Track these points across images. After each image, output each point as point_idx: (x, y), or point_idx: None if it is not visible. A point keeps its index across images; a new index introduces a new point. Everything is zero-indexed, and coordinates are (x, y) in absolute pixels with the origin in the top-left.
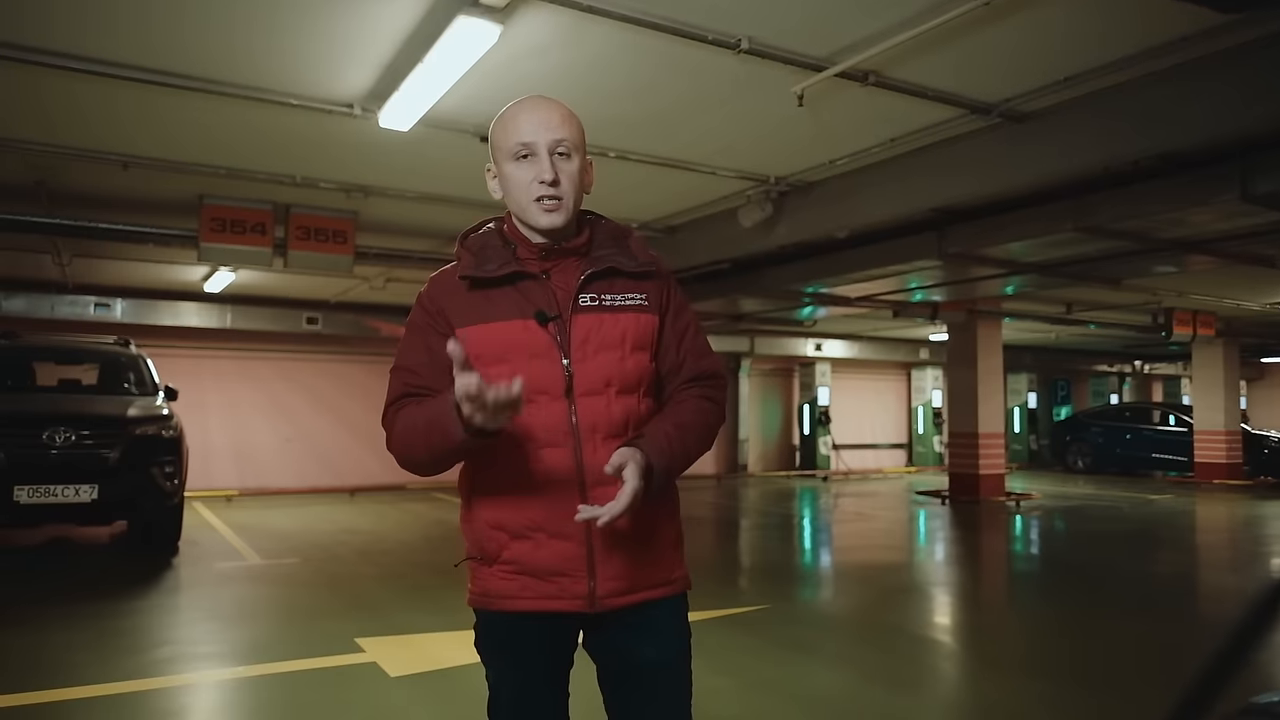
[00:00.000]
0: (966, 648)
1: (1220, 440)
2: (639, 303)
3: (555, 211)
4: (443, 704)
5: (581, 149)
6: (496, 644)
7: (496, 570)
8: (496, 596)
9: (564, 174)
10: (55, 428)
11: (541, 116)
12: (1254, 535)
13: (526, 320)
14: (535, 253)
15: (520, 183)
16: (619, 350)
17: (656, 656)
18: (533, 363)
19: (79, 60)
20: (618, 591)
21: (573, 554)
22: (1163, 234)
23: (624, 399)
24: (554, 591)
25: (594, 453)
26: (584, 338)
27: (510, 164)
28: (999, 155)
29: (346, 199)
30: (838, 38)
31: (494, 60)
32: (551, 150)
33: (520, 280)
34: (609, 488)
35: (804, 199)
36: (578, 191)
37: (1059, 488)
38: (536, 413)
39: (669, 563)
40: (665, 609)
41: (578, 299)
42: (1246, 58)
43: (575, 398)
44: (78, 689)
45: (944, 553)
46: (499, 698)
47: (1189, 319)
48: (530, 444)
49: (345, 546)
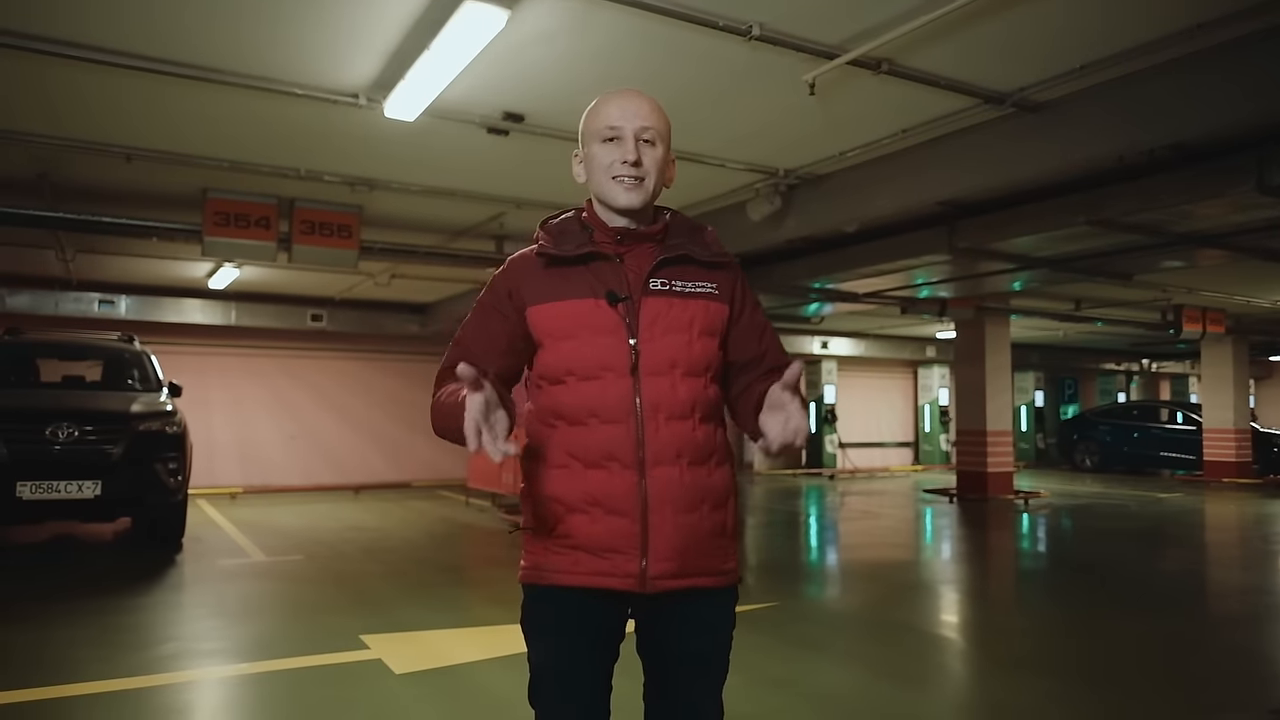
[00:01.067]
0: (975, 645)
1: (1229, 439)
2: (709, 291)
3: (634, 190)
4: (447, 701)
5: (667, 141)
6: (543, 620)
7: (550, 543)
8: (548, 570)
9: (647, 158)
10: (58, 423)
11: (632, 105)
12: (1264, 534)
13: (598, 299)
14: (611, 236)
15: (603, 163)
16: (687, 334)
17: (699, 647)
18: (600, 339)
19: (83, 49)
20: (669, 574)
21: (627, 531)
22: (1175, 227)
23: (689, 381)
24: (606, 568)
25: (655, 431)
26: (652, 319)
27: (596, 145)
28: (1011, 146)
29: (351, 193)
30: (850, 24)
31: (500, 47)
32: (638, 136)
33: (594, 260)
34: (668, 467)
35: (813, 192)
36: (659, 178)
37: (1067, 486)
38: (601, 389)
39: (723, 553)
40: (714, 599)
41: (648, 282)
42: (1264, 45)
43: (640, 376)
44: (82, 685)
45: (952, 551)
46: (541, 677)
47: (1198, 316)
48: (593, 419)
49: (350, 544)
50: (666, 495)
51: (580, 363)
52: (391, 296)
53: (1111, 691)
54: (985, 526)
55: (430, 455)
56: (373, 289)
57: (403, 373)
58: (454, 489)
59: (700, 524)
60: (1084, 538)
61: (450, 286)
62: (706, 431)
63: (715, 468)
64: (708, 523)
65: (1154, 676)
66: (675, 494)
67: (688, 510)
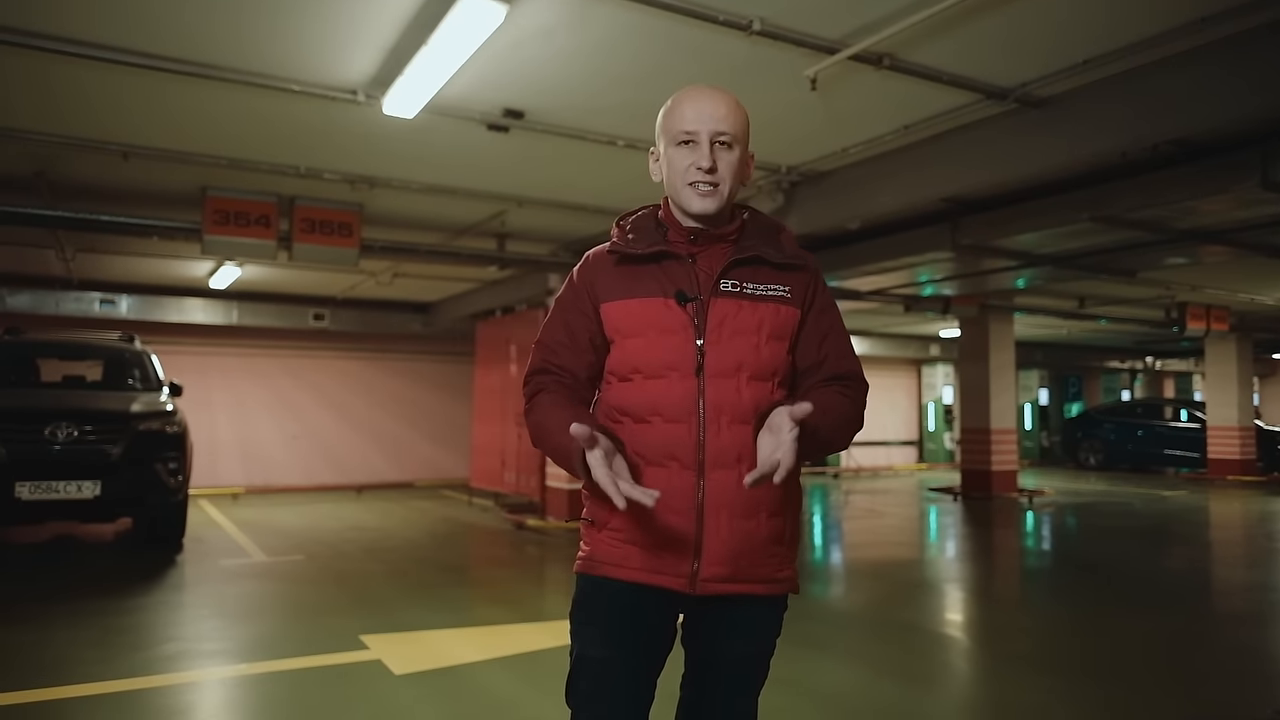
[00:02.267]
0: (979, 643)
1: (1233, 436)
2: (781, 294)
3: (709, 197)
4: (447, 701)
5: (744, 142)
6: (593, 609)
7: (606, 535)
8: (601, 562)
9: (722, 163)
10: (58, 423)
11: (709, 107)
12: (1268, 531)
13: (667, 299)
14: (685, 236)
15: (678, 167)
16: (755, 337)
17: (744, 653)
18: (666, 338)
19: (83, 45)
20: (720, 577)
21: (682, 531)
22: (1179, 224)
23: (755, 385)
24: (658, 566)
25: (717, 434)
26: (720, 321)
27: (673, 148)
28: (1014, 142)
29: (351, 190)
30: (851, 18)
31: (499, 43)
32: (713, 139)
33: (665, 260)
34: (728, 470)
35: (815, 189)
36: (734, 182)
37: (1071, 484)
38: (665, 388)
39: (778, 560)
40: (765, 607)
41: (719, 284)
42: (1270, 39)
43: (705, 377)
44: (82, 686)
45: (956, 549)
46: (581, 670)
47: (1202, 314)
48: (656, 418)
49: (351, 544)
50: (724, 499)
51: (647, 361)
52: (394, 295)
53: (1116, 689)
54: (989, 525)
55: (432, 455)
56: (375, 288)
57: (405, 372)
58: (457, 488)
59: (757, 530)
60: (1088, 536)
61: (453, 285)
62: None
63: None
64: (764, 529)
65: (1158, 674)
66: (733, 498)
67: (745, 516)
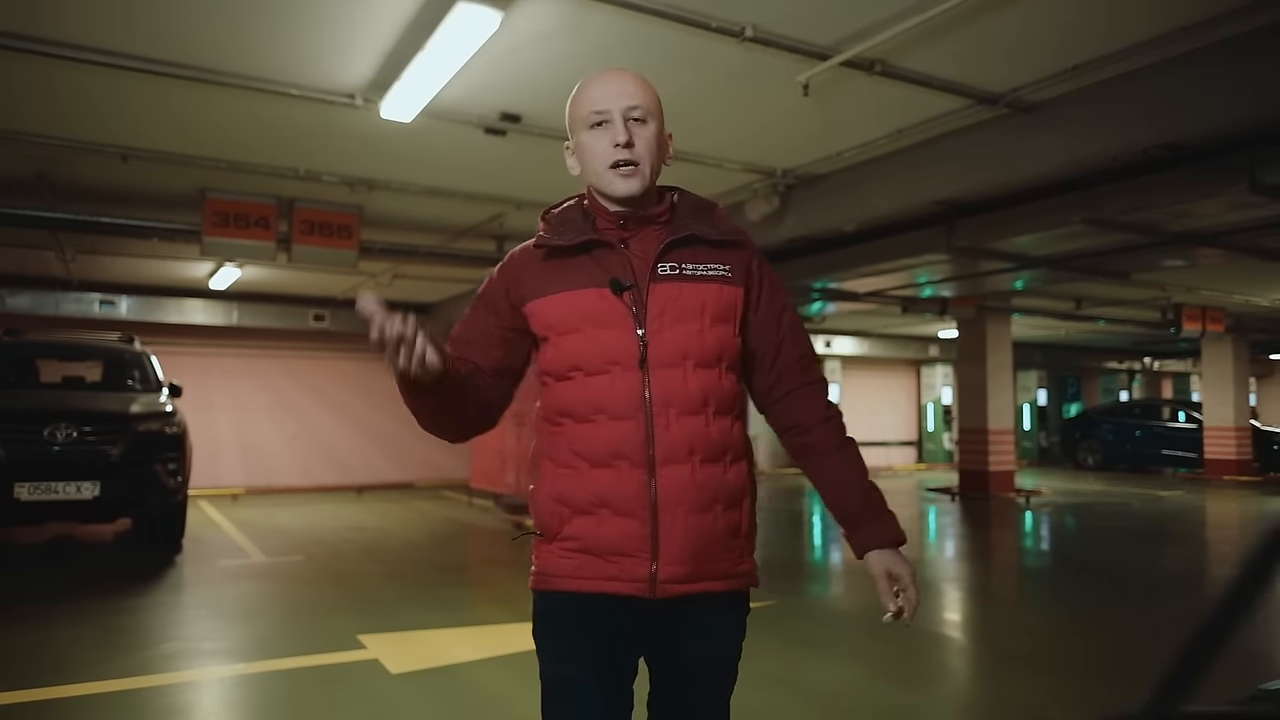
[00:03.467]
0: (977, 643)
1: (1230, 436)
2: (722, 273)
3: (632, 177)
4: (442, 701)
5: (658, 116)
6: (551, 627)
7: (556, 548)
8: (555, 575)
9: (639, 138)
10: (57, 424)
11: (615, 84)
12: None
13: (601, 289)
14: (613, 222)
15: (596, 150)
16: (698, 321)
17: (708, 653)
18: (605, 331)
19: (86, 50)
20: (679, 578)
21: (636, 533)
22: (1172, 226)
23: (702, 373)
24: (614, 572)
25: (666, 428)
26: (661, 308)
27: (585, 133)
28: (1006, 146)
29: (350, 193)
30: (843, 25)
31: (496, 48)
32: (626, 116)
33: (596, 249)
34: (679, 466)
35: (811, 191)
36: (655, 158)
37: (1069, 484)
38: (608, 384)
39: (737, 553)
40: (726, 604)
41: (656, 267)
42: (1254, 46)
43: (650, 369)
44: (82, 685)
45: (954, 549)
46: (552, 689)
47: (1198, 315)
48: (600, 416)
49: (350, 544)
50: (678, 495)
51: (586, 357)
52: (394, 296)
53: (1112, 688)
54: (986, 525)
55: (433, 455)
56: (375, 289)
57: None
58: (457, 489)
59: (714, 525)
60: (1085, 536)
61: (452, 286)
62: (721, 426)
63: (730, 464)
64: (722, 523)
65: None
66: (687, 494)
67: (700, 511)
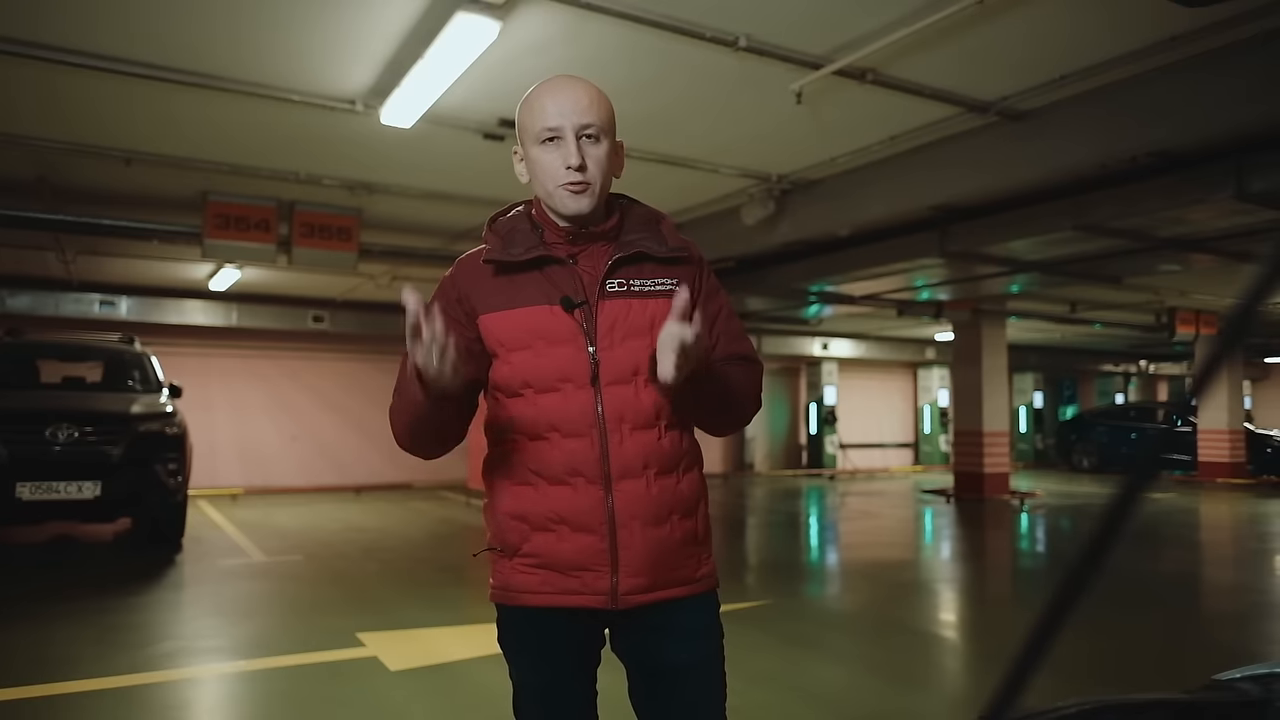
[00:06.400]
0: (970, 644)
1: (1224, 440)
2: (669, 288)
3: (581, 196)
4: (441, 698)
5: (610, 132)
6: (518, 640)
7: (517, 564)
8: (517, 591)
9: (591, 159)
10: (58, 424)
11: (569, 100)
12: (1258, 533)
13: (552, 306)
14: (562, 236)
15: (546, 168)
16: (647, 337)
17: (682, 657)
18: (558, 349)
19: (92, 57)
20: (640, 589)
21: (595, 548)
22: (1162, 232)
23: (653, 388)
24: (576, 587)
25: (620, 444)
26: (611, 324)
27: (536, 148)
28: (997, 153)
29: (350, 196)
30: (835, 35)
31: (494, 57)
32: (579, 134)
33: (547, 265)
34: (634, 480)
35: (806, 196)
36: (605, 176)
37: (1064, 486)
38: (561, 401)
39: (695, 560)
40: (691, 608)
41: (605, 284)
42: (1239, 56)
43: (601, 386)
44: (82, 683)
45: (949, 550)
46: (523, 696)
47: (1192, 319)
48: (554, 433)
49: (349, 544)
50: (635, 509)
51: (537, 374)
52: (393, 298)
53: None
54: (980, 526)
55: None
56: (374, 290)
57: None
58: (455, 489)
59: (670, 535)
60: (1079, 538)
61: None
62: (673, 438)
63: (683, 474)
64: (678, 532)
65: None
66: (643, 508)
67: (657, 523)
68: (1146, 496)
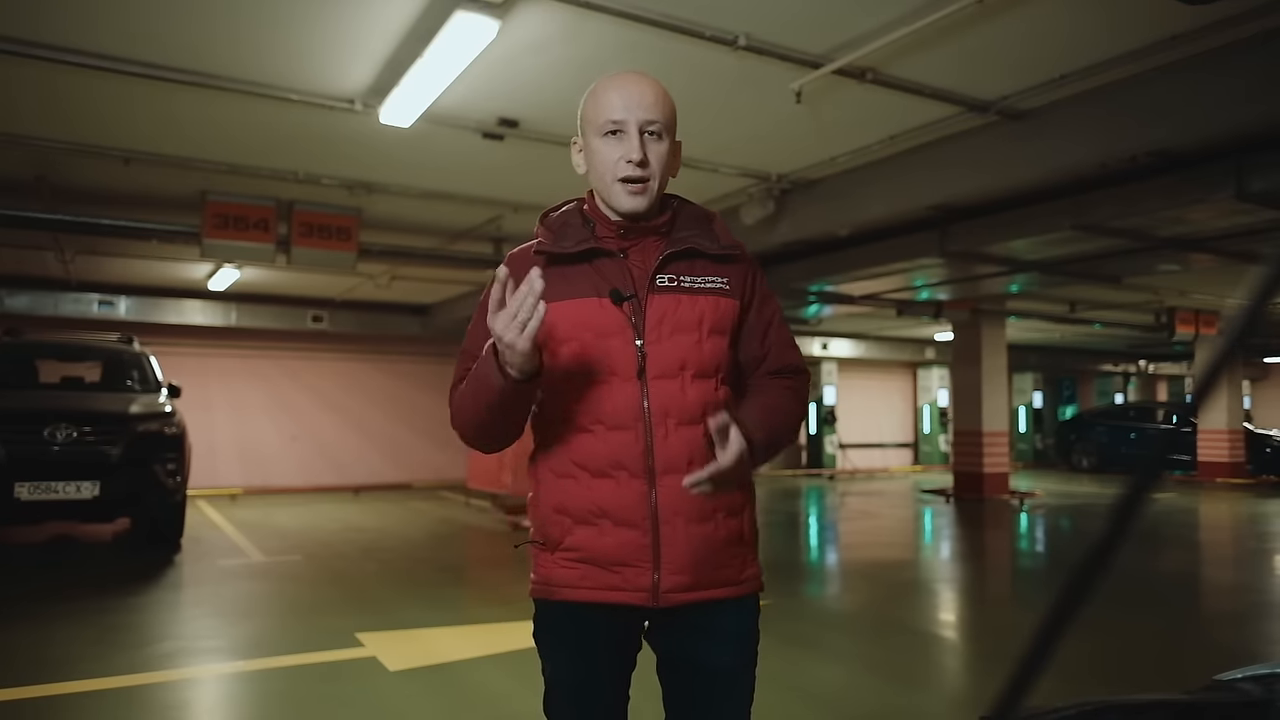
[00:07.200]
0: (970, 643)
1: (1223, 440)
2: (719, 286)
3: (639, 195)
4: (440, 698)
5: (673, 131)
6: (556, 636)
7: (558, 558)
8: (558, 585)
9: (653, 155)
10: (56, 424)
11: (636, 94)
12: (1257, 533)
13: (601, 299)
14: (614, 230)
15: (606, 160)
16: (695, 333)
17: (717, 661)
18: (605, 342)
19: (89, 56)
20: (682, 586)
21: (638, 543)
22: (1161, 232)
23: (699, 384)
24: (617, 582)
25: (665, 438)
26: (659, 319)
27: (598, 139)
28: (997, 152)
29: (349, 196)
30: (834, 35)
31: (493, 56)
32: (642, 129)
33: (597, 258)
34: (679, 475)
35: (805, 196)
36: (664, 175)
37: (1063, 486)
38: (607, 394)
39: (740, 561)
40: (732, 610)
41: (655, 279)
42: (1239, 56)
43: (648, 380)
44: (81, 683)
45: (948, 550)
46: (556, 693)
47: (1191, 319)
48: (599, 426)
49: (348, 544)
50: (678, 505)
51: (584, 366)
52: (392, 298)
53: (1109, 688)
54: (980, 526)
55: (430, 456)
56: (373, 290)
57: (404, 374)
58: (454, 489)
59: (715, 533)
60: (1079, 537)
61: (451, 288)
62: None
63: None
64: (723, 531)
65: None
66: (688, 504)
67: (701, 520)
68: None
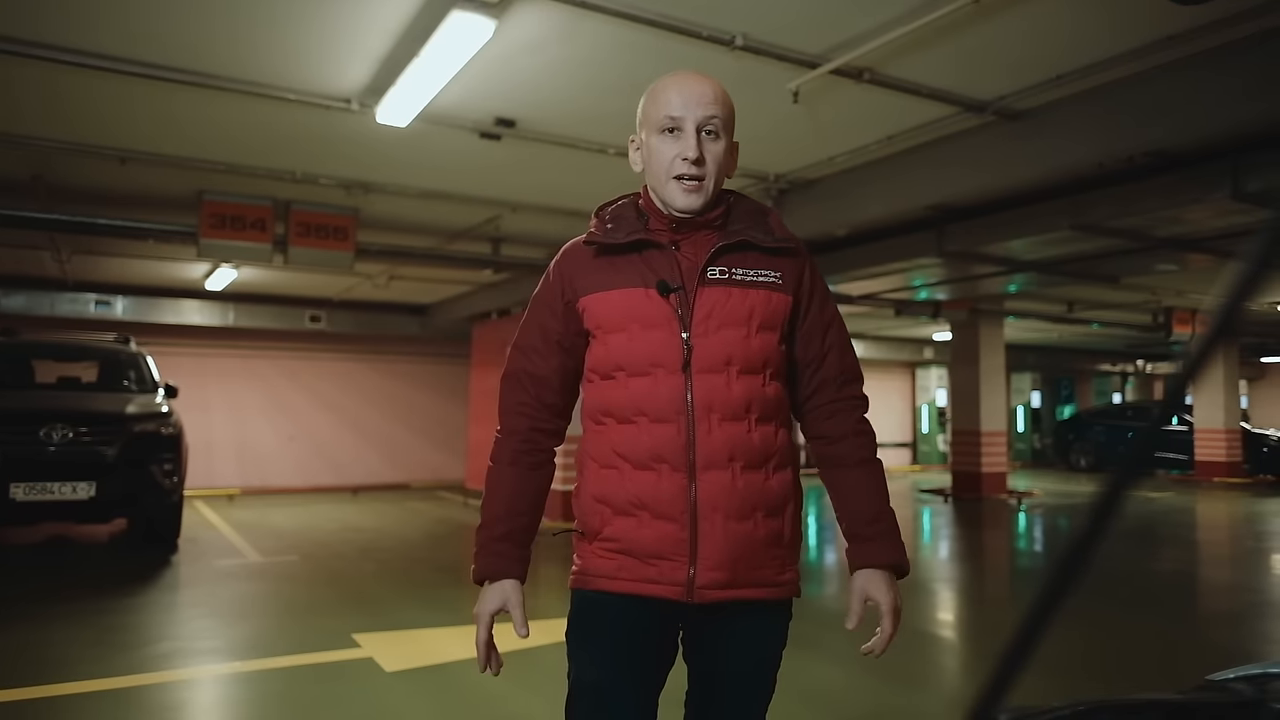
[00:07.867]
0: (968, 643)
1: (1220, 439)
2: (772, 280)
3: (694, 193)
4: (436, 698)
5: (730, 131)
6: (589, 627)
7: (596, 548)
8: (594, 575)
9: (709, 153)
10: (53, 424)
11: (695, 92)
12: (1254, 532)
13: (648, 289)
14: (667, 223)
15: (663, 157)
16: (744, 328)
17: (747, 662)
18: (650, 332)
19: (86, 55)
20: (718, 583)
21: (675, 537)
22: (1159, 232)
23: (746, 379)
24: (653, 575)
25: (708, 433)
26: (708, 312)
27: (655, 137)
28: (994, 152)
29: (347, 195)
30: (831, 34)
31: (490, 55)
32: (700, 127)
33: (646, 249)
34: (720, 471)
35: (803, 196)
36: (720, 174)
37: (1061, 485)
38: (651, 386)
39: (779, 562)
40: (766, 612)
41: (705, 271)
42: (1237, 56)
43: (693, 373)
44: (78, 684)
45: (946, 550)
46: (580, 689)
47: (1189, 318)
48: (642, 418)
49: (346, 544)
50: (718, 501)
51: (630, 357)
52: (390, 298)
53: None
54: (978, 525)
55: (428, 456)
56: (371, 290)
57: (402, 374)
58: (452, 490)
59: (754, 532)
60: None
61: (449, 288)
62: (764, 433)
63: (773, 472)
64: (762, 530)
65: (1144, 673)
66: (727, 500)
67: (740, 517)
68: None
